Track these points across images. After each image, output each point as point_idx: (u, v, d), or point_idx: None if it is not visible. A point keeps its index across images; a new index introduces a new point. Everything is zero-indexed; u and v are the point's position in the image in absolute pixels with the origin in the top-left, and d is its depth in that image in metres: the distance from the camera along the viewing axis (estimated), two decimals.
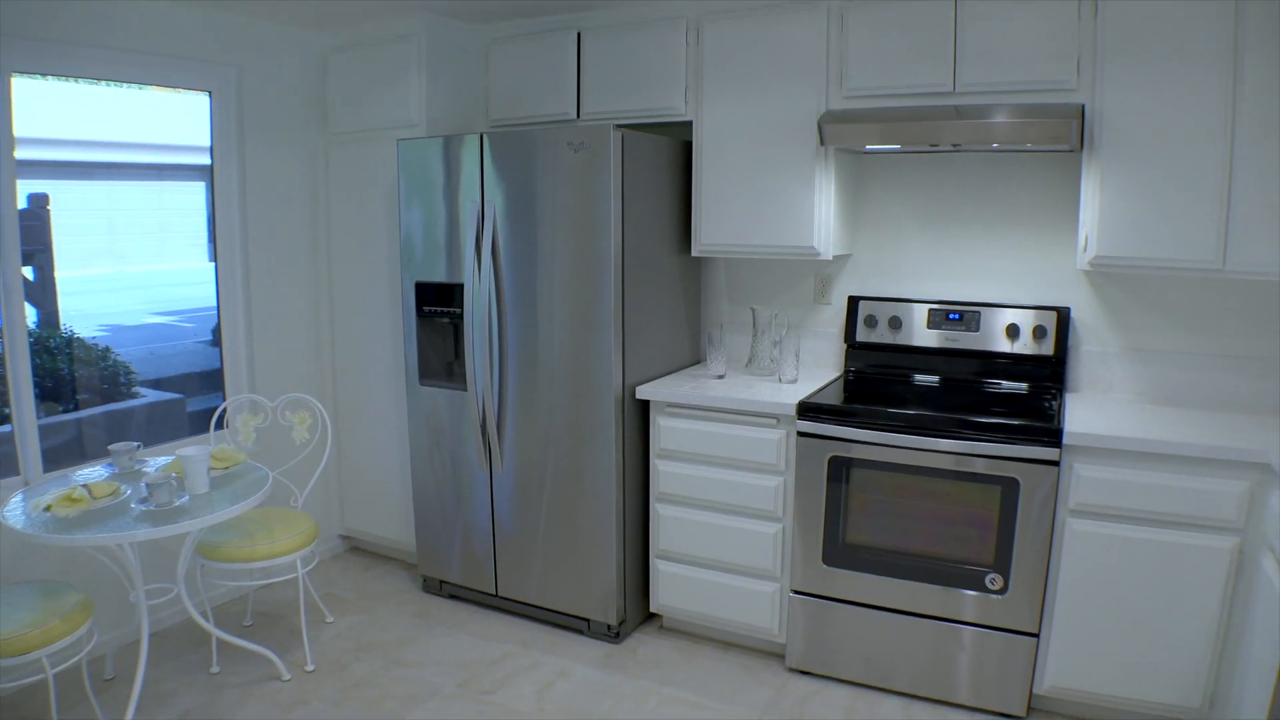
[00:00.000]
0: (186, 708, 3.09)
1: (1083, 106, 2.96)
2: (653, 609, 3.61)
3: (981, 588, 3.01)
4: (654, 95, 3.64)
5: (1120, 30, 2.92)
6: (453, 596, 3.94)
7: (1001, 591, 2.99)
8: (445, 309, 3.65)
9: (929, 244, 3.67)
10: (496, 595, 3.77)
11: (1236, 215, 2.89)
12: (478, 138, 3.45)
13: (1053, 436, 2.85)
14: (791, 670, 3.38)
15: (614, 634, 3.57)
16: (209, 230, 3.96)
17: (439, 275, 3.62)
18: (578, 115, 3.84)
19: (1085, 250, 3.08)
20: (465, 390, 3.61)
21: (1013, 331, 3.43)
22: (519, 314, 3.45)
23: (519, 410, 3.52)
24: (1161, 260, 3.00)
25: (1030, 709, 3.13)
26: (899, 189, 3.69)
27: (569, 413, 3.42)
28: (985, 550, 2.99)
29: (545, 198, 3.33)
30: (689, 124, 3.64)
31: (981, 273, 3.60)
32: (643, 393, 3.43)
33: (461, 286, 3.55)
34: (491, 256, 3.45)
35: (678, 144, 3.64)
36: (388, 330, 4.05)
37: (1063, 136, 2.88)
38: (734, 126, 3.51)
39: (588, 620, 3.60)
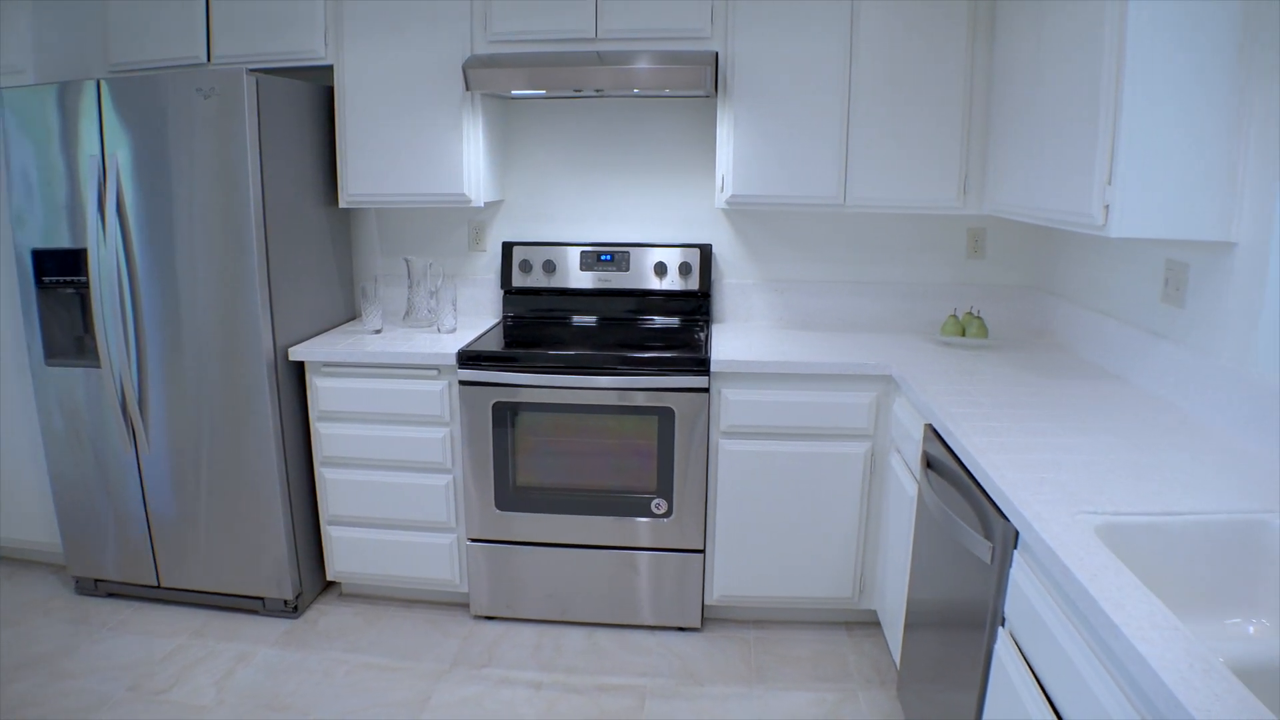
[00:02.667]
0: None
1: (716, 54, 3.11)
2: (330, 577, 3.48)
3: (649, 513, 3.16)
4: (291, 37, 3.42)
5: None
6: (112, 595, 3.61)
7: (667, 515, 3.15)
8: (70, 278, 3.28)
9: (579, 187, 3.75)
10: (160, 587, 3.48)
11: (854, 155, 3.19)
12: (95, 84, 3.10)
13: (701, 366, 3.02)
14: (478, 618, 3.40)
15: (292, 609, 3.41)
16: None
17: (61, 241, 3.24)
18: (209, 59, 3.55)
19: (723, 190, 3.27)
20: (100, 367, 3.28)
21: (661, 269, 3.59)
22: (156, 278, 3.16)
23: (165, 384, 3.25)
24: (791, 197, 3.24)
25: (705, 619, 3.35)
26: (548, 134, 3.73)
27: (220, 382, 3.19)
28: (649, 478, 3.13)
29: (178, 149, 3.06)
30: (331, 68, 3.47)
31: (630, 214, 3.74)
32: (296, 354, 3.26)
33: (86, 252, 3.20)
34: (118, 217, 3.13)
35: (320, 90, 3.47)
36: (4, 306, 3.60)
37: (698, 82, 3.01)
38: (378, 71, 3.38)
39: (262, 599, 3.41)
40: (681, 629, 3.30)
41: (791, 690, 2.97)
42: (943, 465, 2.35)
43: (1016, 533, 1.81)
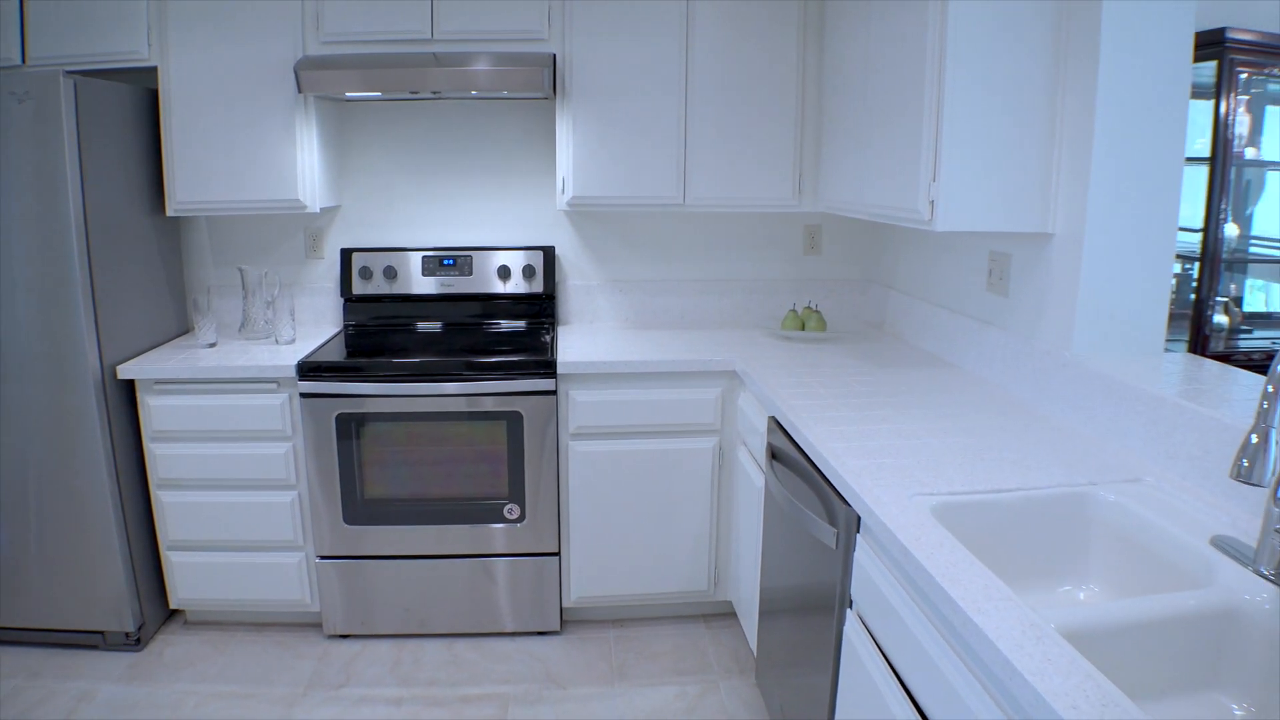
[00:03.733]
0: None
1: (554, 55, 3.10)
2: (174, 605, 3.32)
3: (502, 519, 3.13)
4: (112, 38, 3.23)
5: None
6: None
7: (520, 520, 3.12)
8: None
9: (419, 191, 3.69)
10: None
11: (692, 155, 3.24)
12: None
13: (548, 368, 3.01)
14: (332, 637, 3.30)
15: (135, 641, 3.24)
16: None
17: None
18: (24, 60, 3.33)
19: (564, 192, 3.27)
20: None
21: (504, 272, 3.57)
22: None
23: None
24: (631, 198, 3.27)
25: (564, 621, 3.35)
26: (386, 137, 3.65)
27: (47, 405, 2.99)
28: (500, 483, 3.11)
29: None
30: (156, 70, 3.29)
31: (472, 218, 3.70)
32: (126, 371, 3.08)
33: None
34: None
35: (145, 93, 3.30)
36: None
37: (536, 84, 3.00)
38: (206, 73, 3.23)
39: (102, 633, 3.22)
40: (542, 633, 3.28)
41: (654, 686, 2.99)
42: (787, 456, 2.40)
43: (858, 517, 1.86)
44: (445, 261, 3.58)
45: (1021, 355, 2.53)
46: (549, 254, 3.59)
